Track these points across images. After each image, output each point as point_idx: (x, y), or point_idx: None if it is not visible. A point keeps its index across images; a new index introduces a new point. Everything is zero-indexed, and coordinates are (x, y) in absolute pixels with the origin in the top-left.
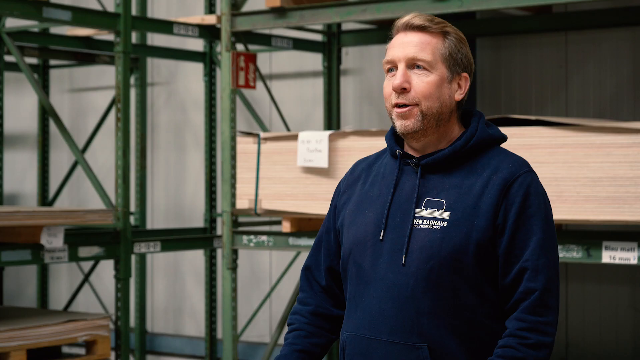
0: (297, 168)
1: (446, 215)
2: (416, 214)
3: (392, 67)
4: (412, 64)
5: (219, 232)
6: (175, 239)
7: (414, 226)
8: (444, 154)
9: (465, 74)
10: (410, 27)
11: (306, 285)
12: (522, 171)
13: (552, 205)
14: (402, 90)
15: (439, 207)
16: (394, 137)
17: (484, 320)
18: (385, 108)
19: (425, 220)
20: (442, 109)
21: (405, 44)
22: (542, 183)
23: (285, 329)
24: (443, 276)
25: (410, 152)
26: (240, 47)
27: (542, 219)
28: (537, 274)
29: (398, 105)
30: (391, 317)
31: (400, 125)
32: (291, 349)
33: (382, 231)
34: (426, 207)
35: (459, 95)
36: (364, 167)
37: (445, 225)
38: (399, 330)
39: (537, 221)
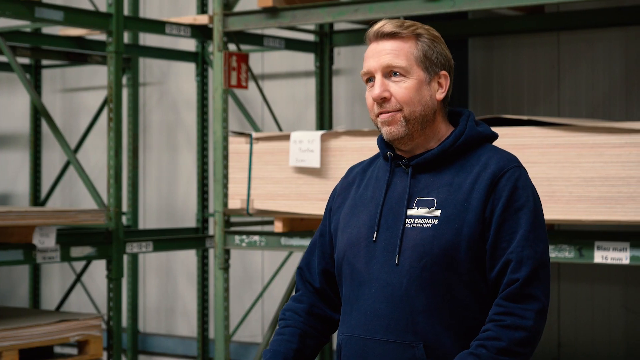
0: (289, 168)
1: (437, 213)
2: (408, 214)
3: (370, 78)
4: (389, 72)
5: (211, 232)
6: (168, 239)
7: (406, 225)
8: (433, 153)
9: (444, 72)
10: (382, 36)
11: (301, 284)
12: (511, 166)
13: (544, 205)
14: (382, 100)
15: (429, 205)
16: (385, 141)
17: (480, 317)
18: (371, 119)
19: (416, 219)
20: (425, 111)
21: (378, 53)
22: (534, 183)
23: None
24: (436, 274)
25: (401, 154)
26: (232, 47)
27: (529, 212)
28: (521, 265)
29: (381, 114)
30: (386, 316)
31: (386, 132)
32: (289, 347)
33: (375, 232)
34: (417, 206)
35: (440, 95)
36: (358, 172)
37: (436, 222)
38: (394, 329)
39: (524, 215)
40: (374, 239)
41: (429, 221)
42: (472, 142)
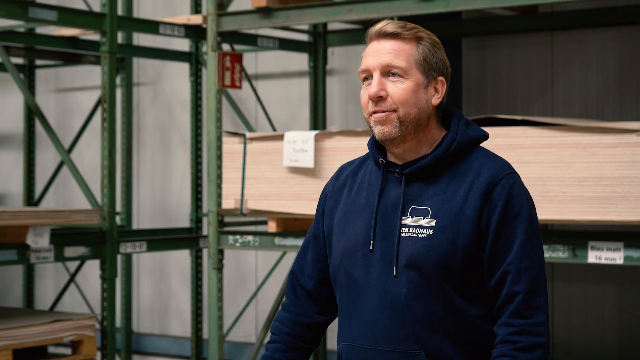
0: (283, 168)
1: (432, 222)
2: (402, 223)
3: (368, 76)
4: (387, 72)
5: (204, 232)
6: (161, 239)
7: (401, 235)
8: (426, 162)
9: (441, 78)
10: (383, 35)
11: (290, 291)
12: (504, 173)
13: (537, 205)
14: (378, 99)
15: (424, 214)
16: (376, 144)
17: (478, 321)
18: (364, 117)
19: (411, 229)
20: (420, 115)
21: (379, 52)
22: (528, 183)
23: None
24: (433, 283)
25: (392, 159)
26: (226, 47)
27: (525, 220)
28: (520, 276)
29: (375, 112)
30: (386, 325)
31: (378, 131)
32: None
33: (372, 241)
34: (412, 215)
35: (436, 100)
36: (349, 174)
37: (431, 233)
38: (395, 338)
39: (520, 223)
40: (371, 248)
41: (424, 231)
42: (465, 147)
